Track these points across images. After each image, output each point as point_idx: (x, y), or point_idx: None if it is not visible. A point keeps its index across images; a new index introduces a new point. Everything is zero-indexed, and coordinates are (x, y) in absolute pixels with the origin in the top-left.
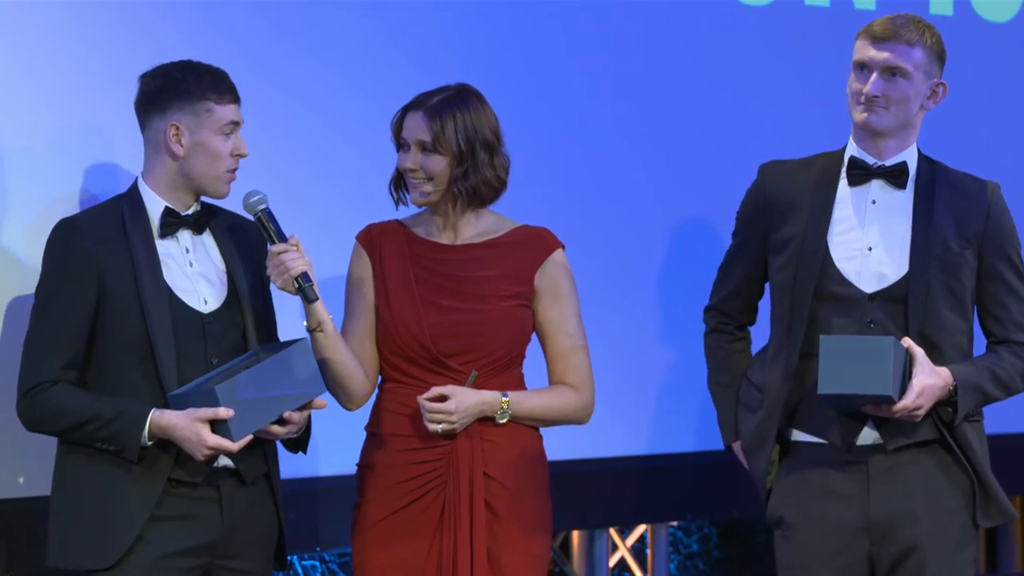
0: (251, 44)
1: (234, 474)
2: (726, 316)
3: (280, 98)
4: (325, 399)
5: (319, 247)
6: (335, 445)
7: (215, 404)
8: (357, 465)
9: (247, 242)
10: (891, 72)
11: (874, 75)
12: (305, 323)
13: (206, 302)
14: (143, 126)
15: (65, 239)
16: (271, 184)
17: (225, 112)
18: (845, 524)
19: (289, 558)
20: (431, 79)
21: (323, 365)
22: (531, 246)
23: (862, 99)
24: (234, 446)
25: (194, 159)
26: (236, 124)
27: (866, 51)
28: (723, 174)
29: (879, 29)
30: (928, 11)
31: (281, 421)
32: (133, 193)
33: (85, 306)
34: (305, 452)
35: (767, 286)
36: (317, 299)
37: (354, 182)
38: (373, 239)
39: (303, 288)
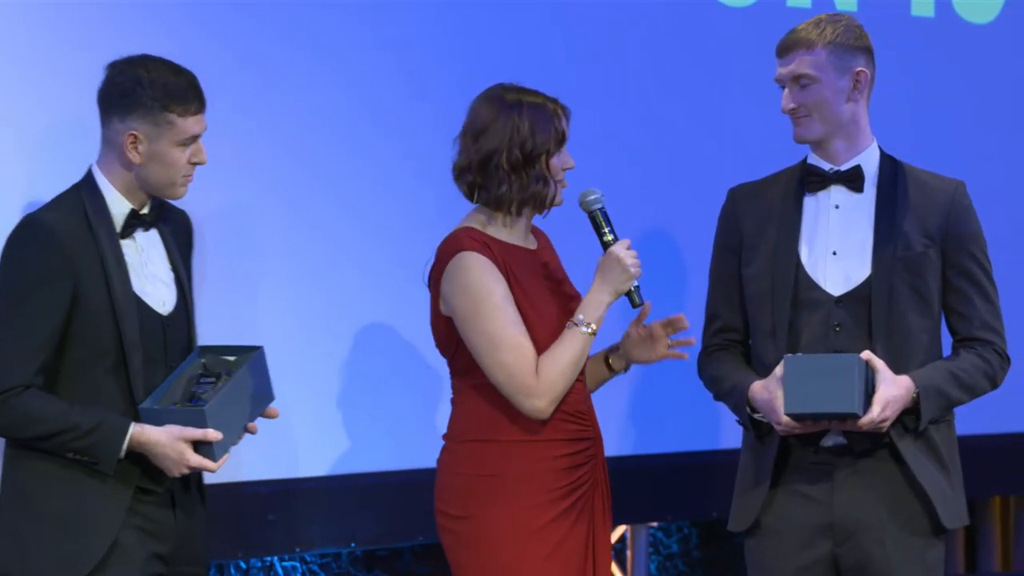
0: (243, 44)
1: (178, 480)
2: (735, 332)
3: (280, 98)
4: (277, 408)
5: (318, 248)
6: (314, 447)
7: (202, 424)
8: (471, 475)
9: (180, 235)
10: (798, 81)
11: (786, 89)
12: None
13: (164, 303)
14: (103, 120)
15: (40, 238)
16: (270, 184)
17: (187, 125)
18: (810, 524)
19: (270, 559)
20: (431, 79)
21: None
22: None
23: (789, 115)
24: (215, 466)
25: (150, 167)
26: (197, 136)
27: (777, 69)
28: (711, 174)
29: (781, 43)
30: (910, 13)
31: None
32: (92, 187)
33: (61, 308)
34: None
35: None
36: (644, 303)
37: (354, 182)
38: (491, 251)
39: (634, 290)
